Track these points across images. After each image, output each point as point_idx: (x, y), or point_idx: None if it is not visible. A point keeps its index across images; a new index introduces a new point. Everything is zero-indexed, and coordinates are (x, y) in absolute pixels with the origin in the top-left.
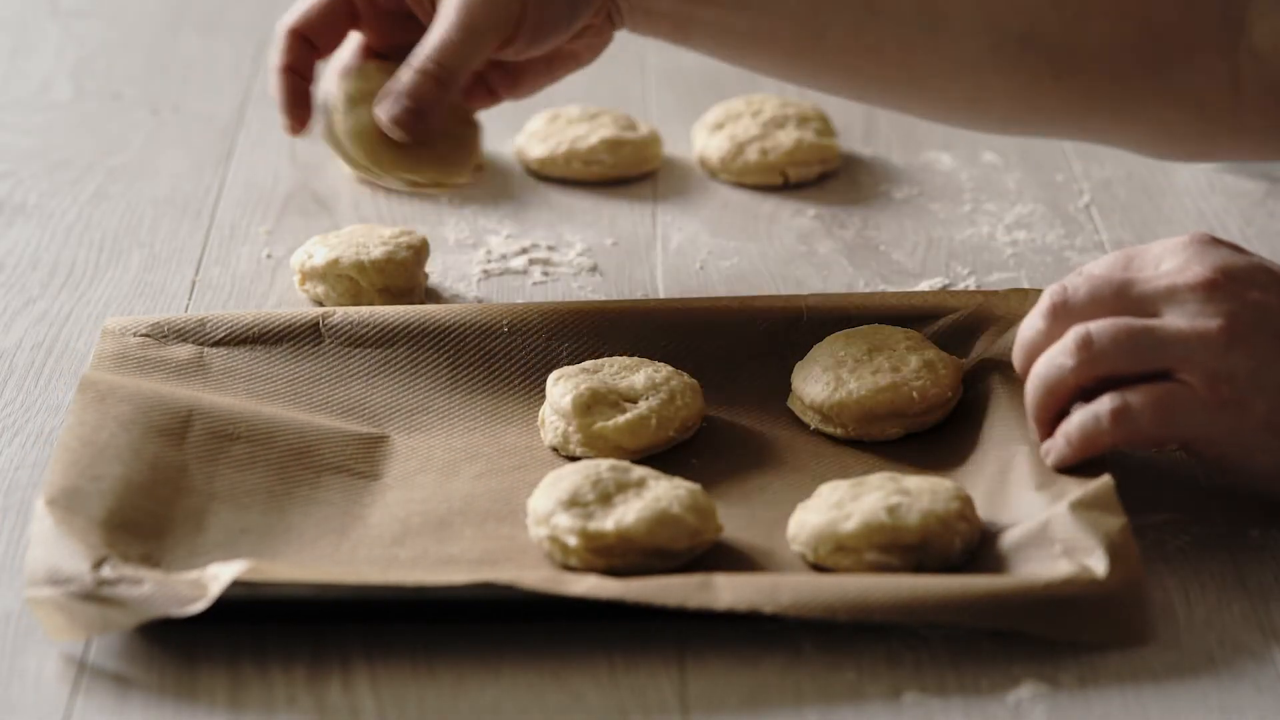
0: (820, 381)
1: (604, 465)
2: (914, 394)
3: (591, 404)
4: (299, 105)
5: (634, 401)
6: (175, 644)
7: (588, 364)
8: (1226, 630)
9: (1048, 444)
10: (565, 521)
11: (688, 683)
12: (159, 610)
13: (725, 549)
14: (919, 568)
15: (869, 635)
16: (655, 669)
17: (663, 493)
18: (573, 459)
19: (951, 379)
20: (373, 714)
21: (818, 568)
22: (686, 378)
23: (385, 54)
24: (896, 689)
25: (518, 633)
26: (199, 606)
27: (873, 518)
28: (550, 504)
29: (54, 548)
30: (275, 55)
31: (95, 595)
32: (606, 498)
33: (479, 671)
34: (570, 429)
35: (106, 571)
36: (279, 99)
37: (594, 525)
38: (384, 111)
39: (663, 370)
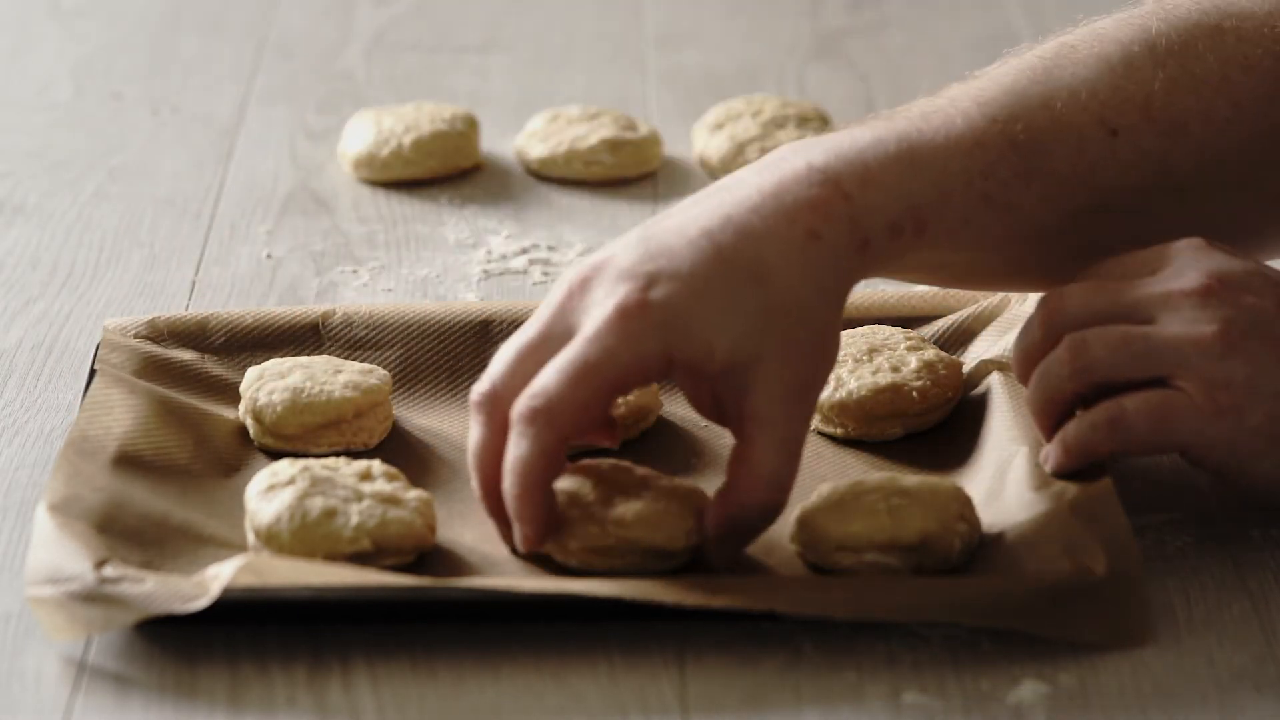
0: None
1: (605, 465)
2: (914, 394)
3: None
4: (548, 520)
5: None
6: (175, 644)
7: None
8: (1226, 630)
9: (1045, 451)
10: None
11: (688, 683)
12: (161, 607)
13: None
14: (918, 568)
15: (869, 635)
16: (655, 669)
17: (662, 492)
18: None
19: (952, 379)
20: (373, 714)
21: (816, 568)
22: None
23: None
24: (896, 689)
25: (518, 633)
26: (201, 603)
27: (873, 518)
28: None
29: (55, 548)
30: (538, 469)
31: (97, 593)
32: (606, 497)
33: (479, 671)
34: None
35: (108, 571)
36: (533, 518)
37: (593, 525)
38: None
39: None
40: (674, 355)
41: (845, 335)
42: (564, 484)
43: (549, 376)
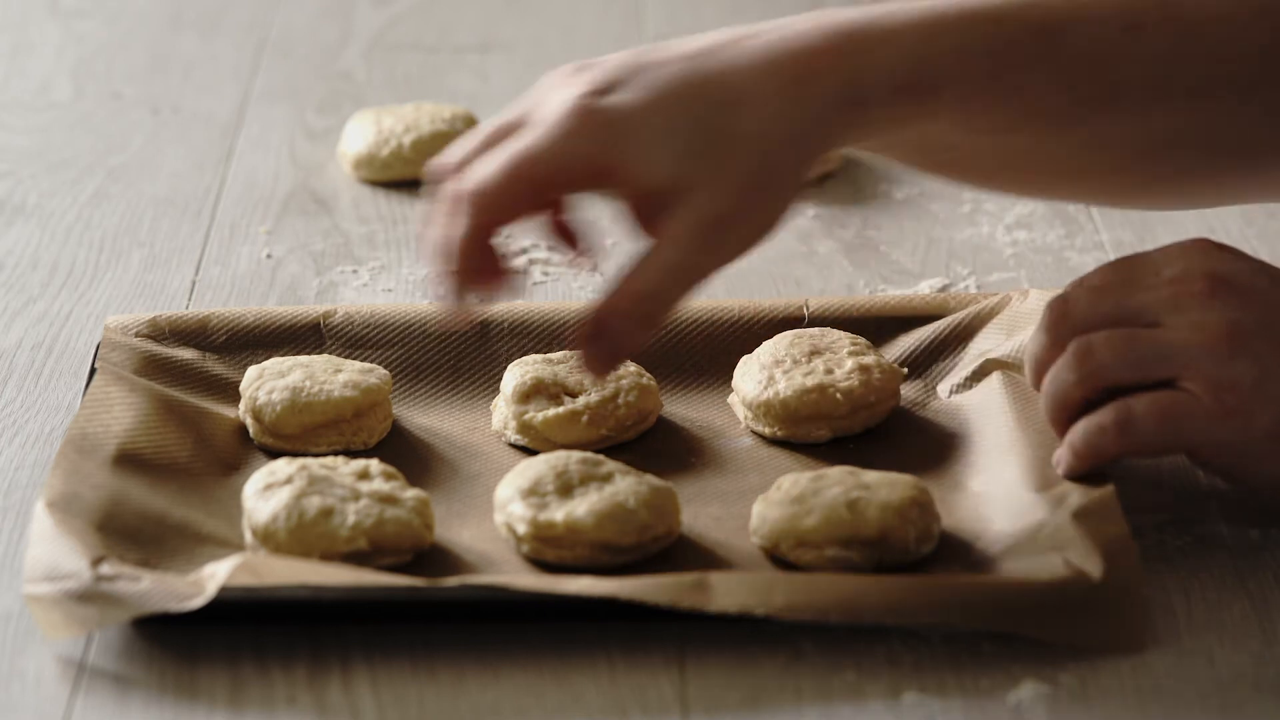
0: (754, 379)
1: (574, 457)
2: (838, 396)
3: (531, 393)
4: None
5: (574, 396)
6: (175, 644)
7: (555, 354)
8: (1226, 630)
9: (1056, 455)
10: (519, 510)
11: (688, 683)
12: (157, 606)
13: (718, 547)
14: (880, 563)
15: (869, 635)
16: (655, 669)
17: (624, 488)
18: (513, 446)
19: (886, 385)
20: (373, 714)
21: (778, 561)
22: (644, 379)
23: None
24: (896, 689)
25: (518, 633)
26: (197, 603)
27: (833, 513)
28: (510, 491)
29: (53, 546)
30: (466, 249)
31: (93, 591)
32: (567, 489)
33: (479, 671)
34: (509, 415)
35: (105, 569)
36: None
37: (544, 515)
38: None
39: (623, 368)
40: (612, 163)
41: (792, 336)
42: (529, 472)
43: (485, 163)
